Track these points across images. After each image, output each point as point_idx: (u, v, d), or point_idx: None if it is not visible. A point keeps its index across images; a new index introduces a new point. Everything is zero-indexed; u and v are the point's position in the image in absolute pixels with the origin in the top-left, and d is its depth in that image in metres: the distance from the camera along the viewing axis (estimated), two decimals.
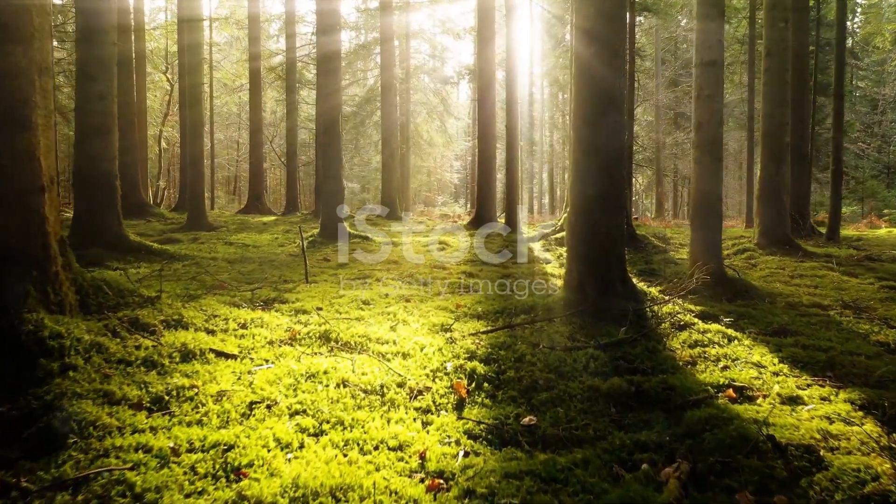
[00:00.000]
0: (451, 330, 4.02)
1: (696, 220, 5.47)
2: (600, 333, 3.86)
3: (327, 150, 9.59)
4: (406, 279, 6.04)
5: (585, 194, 4.45)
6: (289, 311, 4.38)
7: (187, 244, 8.84)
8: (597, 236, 4.41)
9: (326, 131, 9.59)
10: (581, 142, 4.51)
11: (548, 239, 9.13)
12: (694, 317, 4.31)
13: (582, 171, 4.49)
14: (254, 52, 22.62)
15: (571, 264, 4.56)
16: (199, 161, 11.82)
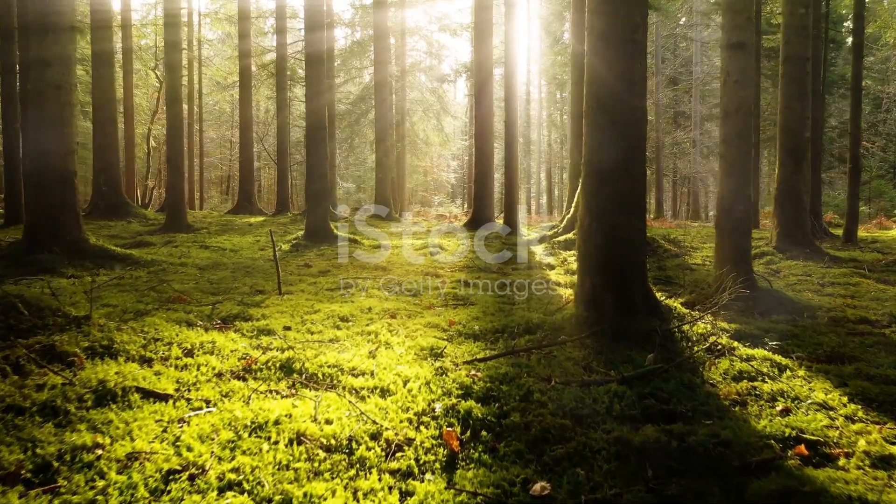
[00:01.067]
0: (443, 355, 3.35)
1: (723, 223, 4.81)
2: (621, 360, 3.20)
3: (314, 148, 8.91)
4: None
5: (601, 194, 3.79)
6: (250, 332, 3.70)
7: (159, 248, 8.15)
8: (614, 242, 3.75)
9: (313, 128, 8.91)
10: (594, 132, 3.84)
11: (550, 242, 8.48)
12: (729, 337, 3.66)
13: (595, 166, 3.83)
14: (244, 49, 21.91)
15: (584, 275, 3.90)
16: (179, 160, 11.13)
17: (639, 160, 3.82)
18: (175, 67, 11.38)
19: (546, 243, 8.51)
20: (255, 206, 22.19)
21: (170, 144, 11.15)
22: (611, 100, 3.72)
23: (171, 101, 11.31)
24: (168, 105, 11.27)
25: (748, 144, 4.74)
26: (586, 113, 3.92)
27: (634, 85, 3.75)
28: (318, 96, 9.04)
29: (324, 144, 8.94)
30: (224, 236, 10.30)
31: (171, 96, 11.31)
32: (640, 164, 3.82)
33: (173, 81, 11.35)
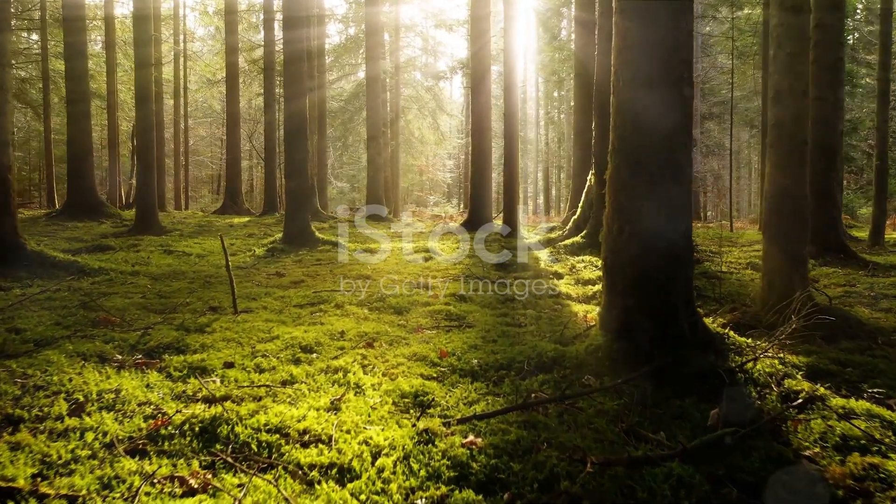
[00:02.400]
0: (431, 405, 2.50)
1: (774, 227, 3.97)
2: (673, 416, 2.35)
3: (294, 143, 8.03)
4: (376, 305, 4.50)
5: (634, 190, 2.94)
6: (179, 370, 2.83)
7: (117, 253, 7.25)
8: (654, 253, 2.90)
9: (293, 127, 8.03)
10: (628, 109, 2.99)
11: (555, 246, 7.63)
12: (802, 376, 2.81)
13: (630, 153, 2.98)
14: (231, 44, 20.99)
15: (612, 294, 3.04)
16: (150, 157, 10.21)
17: (686, 144, 2.97)
18: (144, 64, 10.46)
19: (551, 248, 7.66)
20: (242, 205, 21.28)
21: (140, 141, 10.23)
22: (651, 64, 2.87)
23: (141, 99, 10.39)
24: (138, 103, 10.36)
25: (804, 130, 3.91)
26: (617, 86, 3.06)
27: (679, 48, 2.90)
28: (297, 97, 8.14)
29: (304, 140, 8.07)
30: (197, 239, 9.40)
31: (141, 95, 10.38)
32: (687, 148, 2.97)
33: (142, 79, 10.44)
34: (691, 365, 2.70)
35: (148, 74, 10.57)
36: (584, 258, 6.95)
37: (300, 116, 8.02)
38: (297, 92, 8.15)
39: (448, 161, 42.91)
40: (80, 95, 14.19)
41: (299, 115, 8.01)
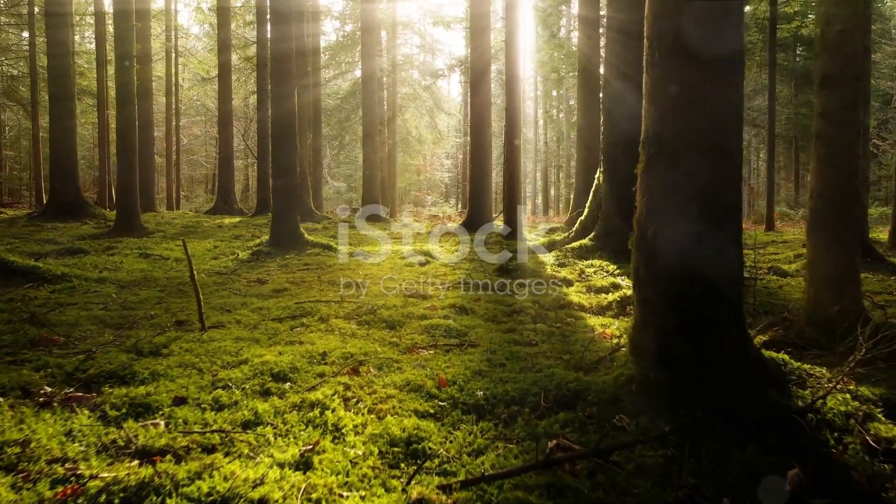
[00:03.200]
0: (426, 455, 1.98)
1: (822, 230, 3.46)
2: (737, 478, 1.83)
3: (282, 141, 7.50)
4: (365, 318, 3.97)
5: (674, 186, 2.43)
6: (118, 407, 2.30)
7: (89, 257, 6.70)
8: (697, 261, 2.39)
9: (281, 126, 7.48)
10: (662, 91, 2.48)
11: (562, 249, 7.11)
12: (882, 414, 2.30)
13: (667, 143, 2.46)
14: (223, 40, 20.41)
15: (645, 313, 2.53)
16: (131, 156, 9.66)
17: (737, 130, 2.45)
18: (126, 64, 9.90)
19: (557, 251, 7.14)
20: (234, 205, 20.75)
21: (121, 140, 9.66)
22: (695, 32, 2.35)
23: (122, 98, 9.83)
24: (118, 102, 9.80)
25: (856, 120, 3.40)
26: (651, 63, 2.54)
27: (730, 13, 2.38)
28: (286, 97, 7.57)
29: (292, 137, 7.53)
30: (180, 241, 8.84)
31: (122, 93, 9.82)
32: (738, 134, 2.46)
33: (124, 77, 9.88)
34: (750, 403, 2.18)
35: (129, 72, 10.03)
36: (593, 262, 6.44)
37: (288, 114, 7.50)
38: (284, 92, 7.61)
39: (446, 161, 42.43)
40: (63, 93, 13.63)
41: (287, 113, 7.48)
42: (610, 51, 7.25)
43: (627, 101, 6.95)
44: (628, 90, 6.93)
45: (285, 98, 7.58)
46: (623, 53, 6.95)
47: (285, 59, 7.81)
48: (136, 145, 9.83)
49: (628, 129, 6.96)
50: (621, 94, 6.98)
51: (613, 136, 7.13)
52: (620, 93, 7.00)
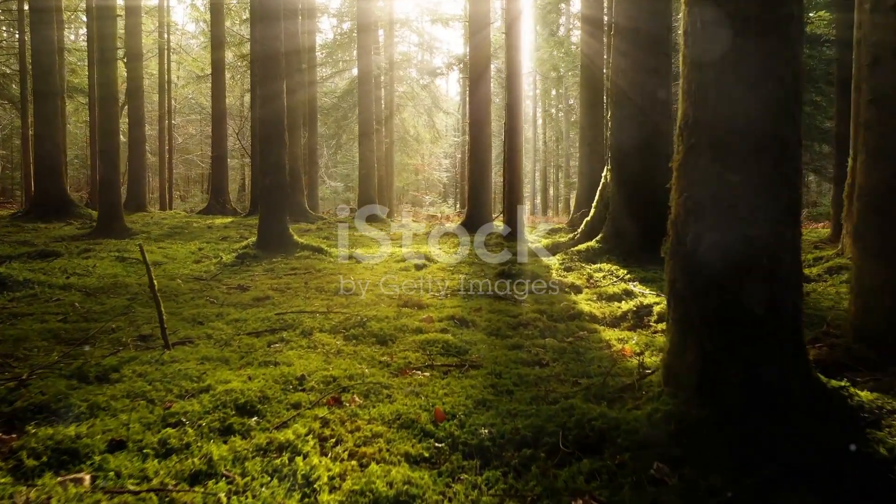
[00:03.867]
0: None
1: (874, 234, 3.03)
2: None
3: (268, 134, 7.05)
4: (354, 332, 3.53)
5: (720, 181, 2.00)
6: (38, 454, 1.86)
7: (59, 261, 6.24)
8: (748, 272, 1.96)
9: (267, 111, 7.04)
10: (708, 72, 2.04)
11: (567, 252, 6.68)
12: None
13: (711, 132, 2.03)
14: (216, 36, 19.96)
15: (685, 333, 2.10)
16: (114, 154, 9.22)
17: (795, 114, 2.02)
18: (108, 60, 9.44)
19: (562, 254, 6.71)
20: (228, 205, 20.33)
21: (103, 138, 9.21)
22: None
23: (104, 97, 9.39)
24: (100, 101, 9.36)
25: None
26: (693, 34, 2.11)
27: None
28: (273, 95, 7.12)
29: (280, 133, 7.08)
30: (164, 243, 8.41)
31: (104, 92, 9.38)
32: (796, 119, 2.03)
33: (105, 76, 9.44)
34: (820, 451, 1.75)
35: (112, 71, 9.58)
36: (601, 266, 6.02)
37: (276, 110, 7.06)
38: (272, 88, 7.16)
39: (444, 160, 42.05)
40: (48, 90, 13.19)
41: (276, 109, 7.04)
42: (619, 36, 6.84)
43: (638, 92, 6.54)
44: (639, 81, 6.51)
45: (273, 95, 7.15)
46: (633, 39, 6.54)
47: (273, 56, 7.37)
48: (118, 143, 9.39)
49: (638, 123, 6.54)
50: (631, 86, 6.56)
51: (622, 131, 6.71)
52: (630, 84, 6.58)
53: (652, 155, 6.54)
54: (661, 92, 6.63)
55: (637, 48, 6.61)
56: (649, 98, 6.55)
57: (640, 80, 6.56)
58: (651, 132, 6.54)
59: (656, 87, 6.59)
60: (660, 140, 6.60)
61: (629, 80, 6.67)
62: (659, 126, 6.60)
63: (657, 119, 6.56)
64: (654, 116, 6.55)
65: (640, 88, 6.56)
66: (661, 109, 6.62)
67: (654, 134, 6.56)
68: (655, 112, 6.56)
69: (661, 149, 6.61)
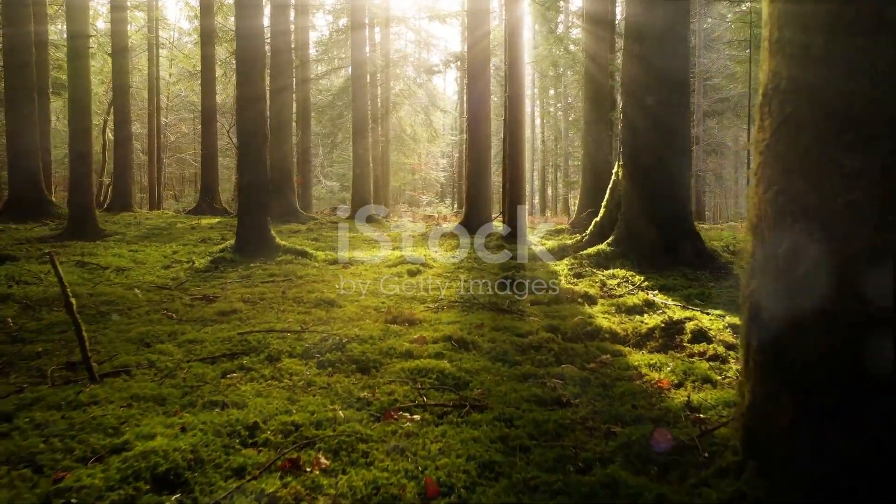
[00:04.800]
0: None
1: None
2: None
3: (246, 127, 6.43)
4: (330, 356, 2.92)
5: (833, 169, 1.40)
6: None
7: (10, 266, 5.60)
8: (874, 297, 1.36)
9: (249, 134, 6.41)
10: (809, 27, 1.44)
11: (576, 256, 6.08)
12: None
13: (813, 102, 1.43)
14: (206, 32, 19.30)
15: (773, 379, 1.49)
16: (86, 150, 8.57)
17: None
18: (79, 55, 8.79)
19: (571, 258, 6.11)
20: (217, 205, 19.71)
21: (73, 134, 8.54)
22: None
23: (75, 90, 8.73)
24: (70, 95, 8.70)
25: None
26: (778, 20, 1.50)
27: None
28: (253, 88, 6.49)
29: (261, 125, 6.45)
30: (137, 246, 7.77)
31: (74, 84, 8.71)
32: None
33: (76, 70, 8.80)
34: None
35: (83, 65, 8.91)
36: (615, 272, 5.42)
37: (257, 100, 6.43)
38: (252, 80, 6.52)
39: (442, 160, 41.48)
40: (24, 86, 12.57)
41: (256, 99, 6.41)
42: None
43: (655, 71, 5.95)
44: (656, 58, 5.92)
45: (253, 82, 6.52)
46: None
47: (253, 41, 6.75)
48: (90, 140, 8.75)
49: (656, 108, 5.96)
50: (648, 63, 5.97)
51: (636, 119, 6.12)
52: (646, 62, 5.98)
53: (669, 147, 5.95)
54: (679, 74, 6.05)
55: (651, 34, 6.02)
56: (665, 84, 5.97)
57: (657, 65, 5.98)
58: (668, 122, 5.95)
59: (673, 71, 6.00)
60: (677, 132, 6.01)
61: (643, 66, 6.08)
62: (675, 117, 6.01)
63: (673, 107, 5.97)
64: (670, 104, 5.96)
65: (657, 74, 5.97)
66: (678, 97, 6.04)
67: (671, 124, 5.97)
68: (672, 99, 5.98)
69: (678, 141, 6.03)
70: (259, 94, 6.40)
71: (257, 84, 6.43)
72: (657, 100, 5.99)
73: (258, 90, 6.41)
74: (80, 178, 8.50)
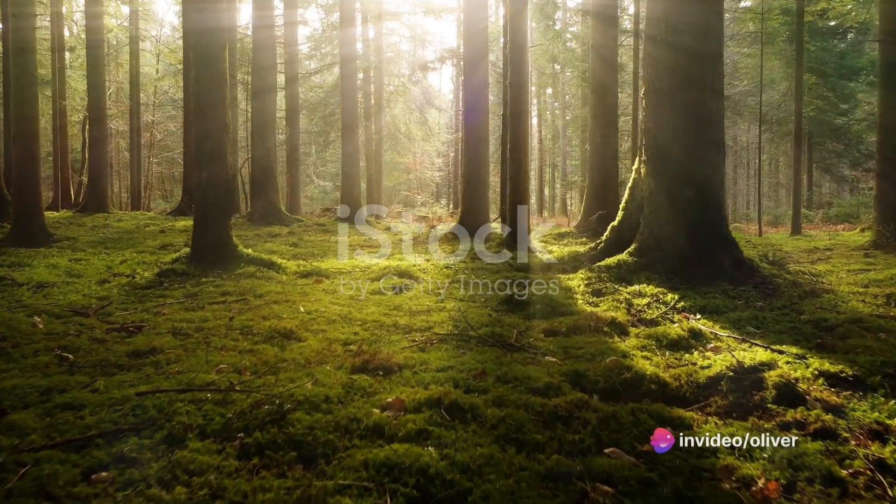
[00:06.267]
0: None
1: None
2: None
3: (204, 112, 5.44)
4: (260, 436, 1.97)
5: None
6: None
7: None
8: None
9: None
10: None
11: (593, 269, 5.13)
12: None
13: None
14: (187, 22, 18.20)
15: None
16: (32, 148, 7.58)
17: None
18: (24, 50, 7.76)
19: (585, 269, 5.17)
20: None
21: (18, 128, 7.53)
22: None
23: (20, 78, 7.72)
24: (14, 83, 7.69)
25: None
26: None
27: None
28: (211, 111, 5.43)
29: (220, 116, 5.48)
30: (83, 254, 6.76)
31: (20, 71, 7.69)
32: None
33: (21, 65, 7.78)
34: None
35: (27, 61, 7.88)
36: (641, 289, 4.49)
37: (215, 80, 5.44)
38: (214, 99, 5.49)
39: (437, 159, 40.54)
40: None
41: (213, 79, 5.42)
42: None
43: (684, 51, 5.03)
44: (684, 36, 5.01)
45: (211, 86, 5.48)
46: None
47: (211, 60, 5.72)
48: (37, 134, 7.74)
49: (686, 94, 5.03)
50: (676, 44, 5.05)
51: (661, 107, 5.20)
52: (675, 42, 5.06)
53: (701, 139, 5.04)
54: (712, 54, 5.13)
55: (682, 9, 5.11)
56: (697, 65, 5.05)
57: (686, 45, 5.06)
58: (700, 110, 5.04)
59: (706, 52, 5.09)
60: (710, 120, 5.10)
61: (670, 46, 5.16)
62: (708, 103, 5.09)
63: (706, 92, 5.06)
64: (703, 89, 5.04)
65: (687, 55, 5.06)
66: (712, 79, 5.12)
67: (703, 112, 5.05)
68: (706, 82, 5.06)
69: (711, 132, 5.11)
70: (219, 100, 5.37)
71: (216, 89, 5.39)
72: (687, 84, 5.08)
73: (217, 95, 5.38)
74: (25, 180, 7.50)
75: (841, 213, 20.19)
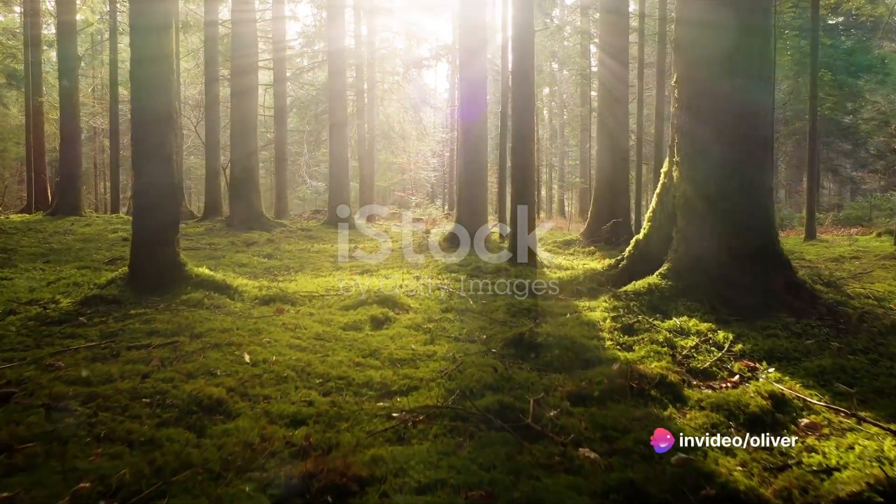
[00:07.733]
0: None
1: None
2: None
3: (143, 103, 4.48)
4: None
5: None
6: None
7: None
8: None
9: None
10: None
11: (619, 296, 4.17)
12: None
13: None
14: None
15: None
16: None
17: None
18: None
19: (608, 296, 4.22)
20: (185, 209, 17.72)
21: None
22: None
23: None
24: None
25: None
26: None
27: None
28: (155, 125, 4.39)
29: (165, 109, 4.52)
30: (14, 270, 5.78)
31: None
32: None
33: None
34: None
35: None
36: (681, 324, 3.56)
37: (159, 61, 4.48)
38: (154, 82, 4.48)
39: (432, 159, 39.54)
40: None
41: (157, 60, 4.46)
42: None
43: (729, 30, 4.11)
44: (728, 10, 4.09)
45: (154, 92, 4.50)
46: None
47: (152, 60, 4.81)
48: None
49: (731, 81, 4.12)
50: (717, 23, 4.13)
51: (699, 98, 4.28)
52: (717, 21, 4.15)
53: (748, 137, 4.12)
54: (760, 19, 4.22)
55: None
56: (742, 47, 4.14)
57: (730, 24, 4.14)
58: (745, 101, 4.12)
59: (756, 28, 4.18)
60: (758, 115, 4.19)
61: (707, 22, 4.24)
62: (754, 93, 4.18)
63: (753, 80, 4.15)
64: (749, 76, 4.13)
65: (728, 33, 4.14)
66: (760, 64, 4.21)
67: (750, 104, 4.15)
68: (752, 68, 4.15)
69: (760, 128, 4.20)
70: (164, 112, 4.35)
71: (159, 94, 4.36)
72: (729, 70, 4.16)
73: (162, 103, 4.34)
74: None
75: (852, 216, 19.39)
